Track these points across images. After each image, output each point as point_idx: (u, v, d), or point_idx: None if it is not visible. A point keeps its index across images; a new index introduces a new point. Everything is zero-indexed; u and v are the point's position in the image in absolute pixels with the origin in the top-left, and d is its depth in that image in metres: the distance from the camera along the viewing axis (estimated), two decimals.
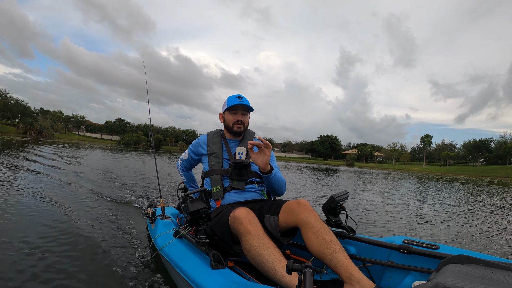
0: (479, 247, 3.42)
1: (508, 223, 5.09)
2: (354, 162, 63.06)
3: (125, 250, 2.27)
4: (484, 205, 7.50)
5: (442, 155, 62.25)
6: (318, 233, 1.34)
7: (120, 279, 1.79)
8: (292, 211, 1.47)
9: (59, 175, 6.04)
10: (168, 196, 4.81)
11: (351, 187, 10.54)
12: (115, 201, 4.04)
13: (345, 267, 1.21)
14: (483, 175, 37.68)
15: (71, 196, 4.11)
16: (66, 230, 2.58)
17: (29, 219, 2.80)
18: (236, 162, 1.76)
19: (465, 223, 4.88)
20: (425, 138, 67.95)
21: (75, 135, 71.21)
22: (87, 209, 3.45)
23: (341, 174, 19.47)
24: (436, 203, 7.38)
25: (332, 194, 1.68)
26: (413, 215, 5.30)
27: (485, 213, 6.19)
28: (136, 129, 73.74)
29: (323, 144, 78.18)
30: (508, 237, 4.03)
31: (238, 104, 1.85)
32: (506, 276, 0.86)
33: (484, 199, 9.17)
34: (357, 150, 75.36)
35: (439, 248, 1.34)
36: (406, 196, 8.77)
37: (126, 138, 61.80)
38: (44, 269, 1.84)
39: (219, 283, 1.15)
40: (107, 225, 2.87)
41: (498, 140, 59.52)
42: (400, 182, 15.90)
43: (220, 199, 1.75)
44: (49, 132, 47.71)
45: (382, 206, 6.03)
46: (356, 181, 13.80)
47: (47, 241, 2.29)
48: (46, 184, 4.88)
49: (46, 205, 3.37)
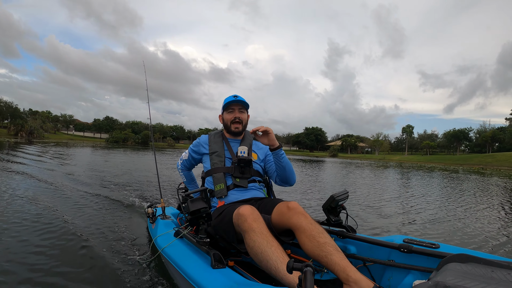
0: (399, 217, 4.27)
1: (415, 199, 6.45)
2: (337, 153, 65.04)
3: (126, 250, 2.27)
4: (417, 187, 9.12)
5: (423, 145, 64.62)
6: (311, 236, 1.33)
7: (120, 279, 1.79)
8: (283, 215, 1.46)
9: (56, 175, 6.04)
10: (168, 195, 4.81)
11: (317, 175, 11.86)
12: (115, 201, 4.03)
13: (342, 269, 1.20)
14: (458, 163, 39.46)
15: (70, 196, 4.11)
16: (65, 231, 2.58)
17: (27, 221, 2.80)
18: (240, 159, 1.78)
19: (393, 199, 6.17)
20: (407, 129, 70.30)
21: (65, 135, 72.64)
22: (86, 209, 3.45)
23: (320, 165, 20.29)
24: (382, 186, 8.85)
25: (332, 193, 1.68)
26: (361, 197, 6.27)
27: (413, 192, 7.74)
28: (124, 127, 75.46)
29: (309, 136, 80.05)
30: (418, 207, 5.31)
31: (233, 102, 1.87)
32: (507, 274, 0.86)
33: (426, 182, 10.83)
34: (342, 141, 77.70)
35: (440, 247, 1.34)
36: (359, 181, 9.91)
37: (115, 136, 63.46)
38: (44, 271, 1.84)
39: (220, 282, 1.15)
40: (107, 225, 2.87)
41: (478, 129, 62.28)
42: (362, 170, 17.37)
43: (223, 197, 1.75)
44: (39, 132, 48.60)
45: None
46: (329, 170, 15.38)
47: (46, 243, 2.29)
48: (43, 185, 4.88)
49: (44, 206, 3.37)
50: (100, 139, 70.56)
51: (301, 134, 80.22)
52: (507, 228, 3.89)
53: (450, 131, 62.08)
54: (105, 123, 77.58)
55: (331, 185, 8.53)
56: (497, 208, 5.54)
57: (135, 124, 77.90)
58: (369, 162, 32.70)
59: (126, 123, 78.98)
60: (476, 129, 61.86)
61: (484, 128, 61.59)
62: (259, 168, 1.92)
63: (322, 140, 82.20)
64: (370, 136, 75.13)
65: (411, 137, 70.68)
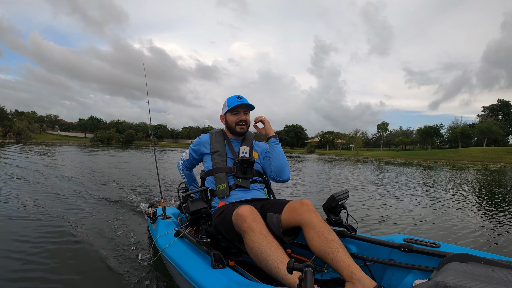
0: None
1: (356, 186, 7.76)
2: (314, 149, 67.16)
3: (126, 250, 2.27)
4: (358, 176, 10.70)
5: (396, 141, 67.73)
6: (320, 232, 1.35)
7: (120, 279, 1.80)
8: (295, 210, 1.48)
9: (55, 175, 6.05)
10: (169, 195, 4.81)
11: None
12: (114, 201, 4.04)
13: (346, 266, 1.21)
14: (423, 158, 41.87)
15: (69, 196, 4.12)
16: (65, 231, 2.59)
17: (25, 222, 2.81)
18: (243, 159, 1.78)
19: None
20: (382, 126, 73.46)
21: (50, 135, 73.81)
22: (86, 210, 3.46)
23: (296, 161, 21.23)
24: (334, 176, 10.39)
25: (333, 193, 1.68)
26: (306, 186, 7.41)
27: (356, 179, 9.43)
28: (108, 126, 77.06)
29: (289, 133, 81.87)
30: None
31: (239, 105, 1.86)
32: (507, 274, 0.86)
33: (378, 174, 12.17)
34: (320, 138, 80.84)
35: (440, 247, 1.34)
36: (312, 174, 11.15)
37: (99, 136, 64.90)
38: (43, 271, 1.85)
39: (220, 282, 1.15)
40: (107, 225, 2.87)
41: (450, 125, 64.68)
42: (325, 163, 19.12)
43: (225, 197, 1.75)
44: (26, 133, 49.41)
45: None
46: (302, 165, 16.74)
47: (46, 243, 2.29)
48: (40, 187, 4.88)
49: (43, 207, 3.38)
50: (85, 139, 71.80)
51: (281, 131, 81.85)
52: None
53: (422, 128, 64.85)
54: (90, 123, 79.12)
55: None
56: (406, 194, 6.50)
57: (119, 124, 79.93)
58: (339, 158, 34.86)
59: (111, 123, 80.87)
60: (448, 125, 65.17)
61: (456, 124, 64.56)
62: (260, 168, 1.93)
63: (302, 137, 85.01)
64: (349, 133, 78.14)
65: (388, 134, 74.13)
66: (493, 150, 42.16)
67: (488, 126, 53.43)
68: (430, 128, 62.92)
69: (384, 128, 72.88)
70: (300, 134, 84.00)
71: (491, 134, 53.11)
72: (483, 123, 57.56)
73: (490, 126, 53.23)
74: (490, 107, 65.54)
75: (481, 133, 54.08)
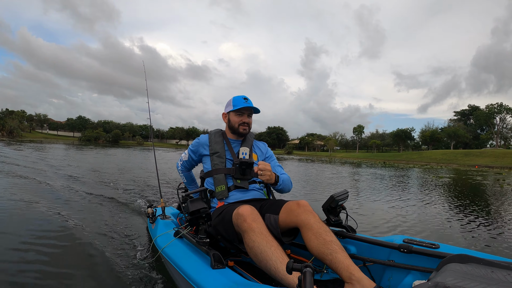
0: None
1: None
2: (292, 150, 71.49)
3: (126, 250, 2.27)
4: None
5: (370, 143, 71.50)
6: (318, 234, 1.34)
7: (120, 279, 1.79)
8: (292, 211, 1.47)
9: (54, 175, 6.05)
10: (169, 195, 4.81)
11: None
12: (114, 201, 4.03)
13: (345, 267, 1.21)
14: (387, 159, 44.53)
15: (69, 196, 4.11)
16: (64, 231, 2.58)
17: (25, 221, 2.80)
18: (242, 161, 1.76)
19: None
20: (358, 129, 76.70)
21: (39, 133, 75.08)
22: (85, 210, 3.46)
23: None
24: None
25: (332, 193, 1.67)
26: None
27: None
28: (96, 125, 78.95)
29: (271, 135, 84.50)
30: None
31: (245, 107, 1.85)
32: (507, 275, 0.86)
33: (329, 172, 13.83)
34: (300, 140, 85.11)
35: (440, 248, 1.34)
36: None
37: (87, 135, 66.93)
38: (43, 271, 1.84)
39: (220, 283, 1.15)
40: (107, 225, 2.87)
41: (422, 129, 69.65)
42: (299, 163, 20.63)
43: (224, 198, 1.75)
44: (18, 132, 50.40)
45: None
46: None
47: (45, 245, 2.29)
48: (40, 186, 4.88)
49: (43, 207, 3.37)
50: (73, 138, 72.96)
51: (263, 133, 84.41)
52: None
53: (394, 132, 68.79)
54: (78, 122, 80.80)
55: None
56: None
57: (106, 123, 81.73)
58: (312, 158, 37.42)
59: (98, 122, 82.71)
60: (421, 129, 69.09)
61: (428, 128, 68.22)
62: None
63: (283, 138, 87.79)
64: (329, 135, 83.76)
65: (364, 137, 78.18)
66: (453, 152, 44.22)
67: (454, 130, 57.93)
68: (401, 131, 66.91)
69: (359, 131, 76.31)
70: (281, 136, 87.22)
71: (457, 137, 57.52)
72: (451, 127, 62.64)
73: (457, 130, 57.72)
74: (461, 111, 69.49)
75: (448, 136, 59.02)
